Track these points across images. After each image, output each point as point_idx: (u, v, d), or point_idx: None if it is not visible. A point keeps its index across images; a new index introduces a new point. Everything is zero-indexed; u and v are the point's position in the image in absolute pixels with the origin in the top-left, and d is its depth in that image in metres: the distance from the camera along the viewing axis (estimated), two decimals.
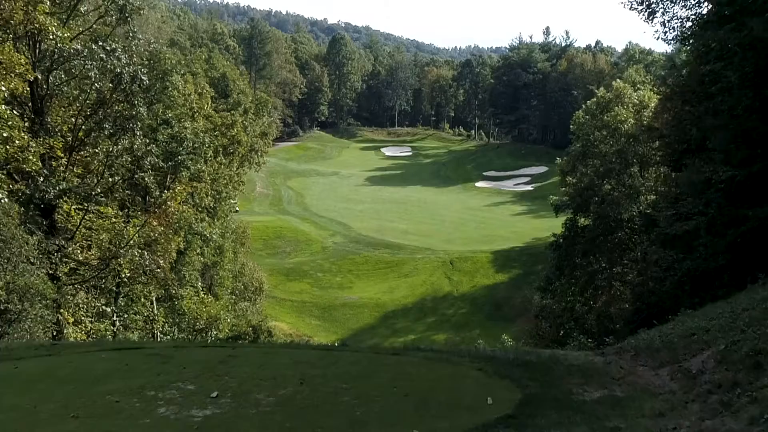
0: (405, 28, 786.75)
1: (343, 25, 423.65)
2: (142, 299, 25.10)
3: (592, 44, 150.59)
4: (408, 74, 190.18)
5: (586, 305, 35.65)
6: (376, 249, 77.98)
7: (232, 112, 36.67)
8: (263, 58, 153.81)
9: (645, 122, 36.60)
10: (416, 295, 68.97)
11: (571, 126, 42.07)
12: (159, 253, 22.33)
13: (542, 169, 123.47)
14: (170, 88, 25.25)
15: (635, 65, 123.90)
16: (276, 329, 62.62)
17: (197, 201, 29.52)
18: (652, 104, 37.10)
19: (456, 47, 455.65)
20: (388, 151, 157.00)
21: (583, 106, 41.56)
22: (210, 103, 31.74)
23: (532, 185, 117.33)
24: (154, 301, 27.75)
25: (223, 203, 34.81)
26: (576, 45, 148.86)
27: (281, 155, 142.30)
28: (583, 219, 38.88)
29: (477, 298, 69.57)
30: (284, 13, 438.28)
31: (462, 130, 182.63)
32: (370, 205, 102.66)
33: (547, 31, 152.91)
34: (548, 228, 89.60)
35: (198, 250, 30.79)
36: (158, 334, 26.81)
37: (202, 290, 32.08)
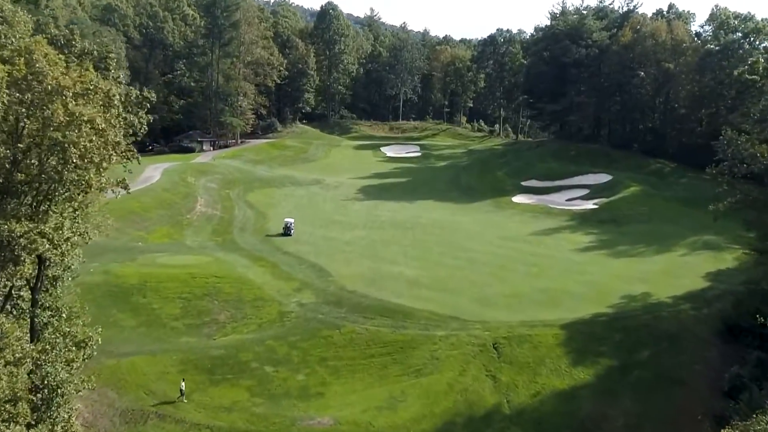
0: (411, 20, 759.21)
1: (345, 15, 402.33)
2: None
3: (664, 9, 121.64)
4: (415, 55, 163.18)
5: None
6: (367, 317, 50.23)
7: None
8: (229, 30, 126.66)
9: None
10: (437, 415, 41.75)
11: None
12: None
13: (604, 177, 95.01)
14: None
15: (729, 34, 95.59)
16: None
17: None
18: None
19: (465, 39, 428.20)
20: (389, 151, 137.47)
21: None
22: None
23: (595, 201, 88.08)
24: None
25: None
26: (641, 11, 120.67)
27: (248, 156, 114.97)
28: None
29: (545, 418, 42.48)
30: (282, 2, 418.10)
31: (482, 124, 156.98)
32: (361, 232, 74.59)
33: None
34: (641, 276, 55.62)
35: None
36: None
37: None
